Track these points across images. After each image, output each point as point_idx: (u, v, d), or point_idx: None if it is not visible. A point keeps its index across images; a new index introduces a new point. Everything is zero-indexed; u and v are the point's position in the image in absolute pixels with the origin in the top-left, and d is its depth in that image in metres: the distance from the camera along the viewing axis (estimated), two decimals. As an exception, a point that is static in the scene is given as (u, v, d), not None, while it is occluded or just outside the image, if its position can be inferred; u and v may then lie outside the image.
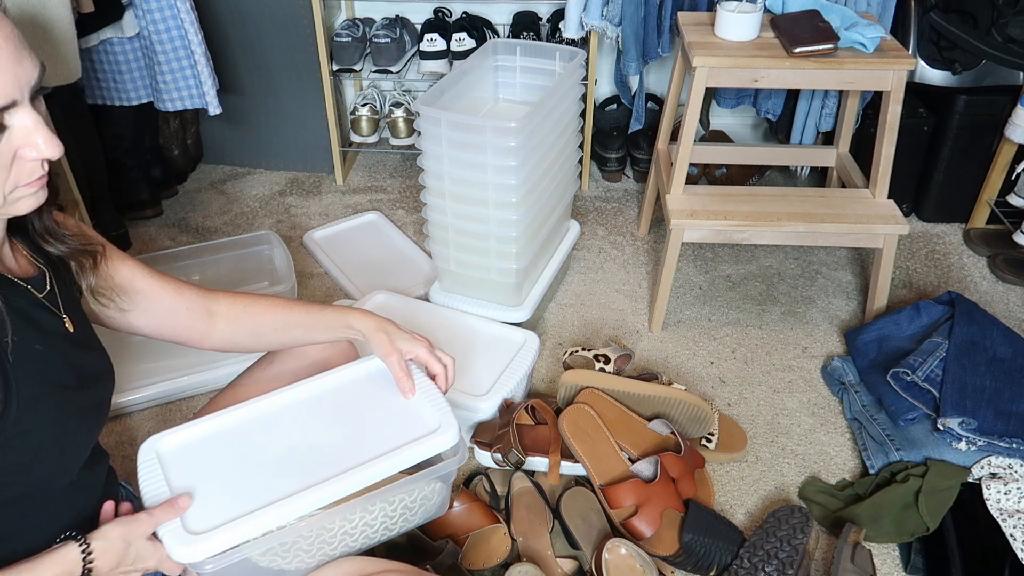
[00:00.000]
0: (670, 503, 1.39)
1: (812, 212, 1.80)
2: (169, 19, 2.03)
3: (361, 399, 1.13)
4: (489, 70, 1.90)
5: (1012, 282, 2.09)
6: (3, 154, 0.80)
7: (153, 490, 0.98)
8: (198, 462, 1.03)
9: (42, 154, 0.82)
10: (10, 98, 0.78)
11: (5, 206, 0.84)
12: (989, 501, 1.39)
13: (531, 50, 1.88)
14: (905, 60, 1.69)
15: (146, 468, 1.01)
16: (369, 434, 1.07)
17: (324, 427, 1.09)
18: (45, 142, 0.81)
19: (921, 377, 1.57)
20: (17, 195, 0.84)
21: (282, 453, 1.04)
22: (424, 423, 1.08)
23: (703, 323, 1.97)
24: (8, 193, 0.83)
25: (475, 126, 1.58)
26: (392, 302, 1.81)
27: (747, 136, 2.67)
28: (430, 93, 1.66)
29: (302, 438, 1.07)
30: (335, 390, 1.15)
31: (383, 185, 2.56)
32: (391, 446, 1.04)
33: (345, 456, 1.03)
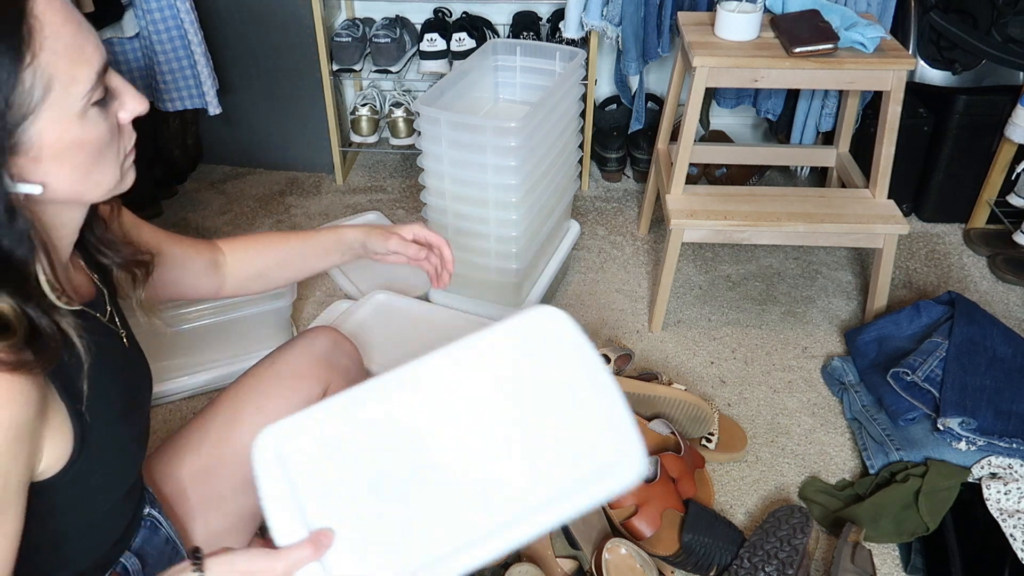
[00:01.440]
0: (670, 503, 1.39)
1: (812, 212, 1.80)
2: (169, 19, 2.03)
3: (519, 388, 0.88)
4: (489, 70, 1.90)
5: (1012, 282, 2.09)
6: (113, 120, 0.77)
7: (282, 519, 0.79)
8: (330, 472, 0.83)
9: (135, 111, 0.79)
10: (104, 55, 0.75)
11: (120, 182, 0.81)
12: (989, 501, 1.39)
13: (531, 50, 1.88)
14: (905, 60, 1.69)
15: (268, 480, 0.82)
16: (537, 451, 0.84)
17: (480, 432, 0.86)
18: (134, 99, 0.79)
19: (921, 377, 1.57)
20: (126, 166, 0.82)
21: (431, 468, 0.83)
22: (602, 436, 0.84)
23: (703, 323, 1.97)
24: (122, 164, 0.81)
25: (475, 126, 1.58)
26: (392, 302, 1.81)
27: (747, 136, 2.67)
28: (430, 93, 1.66)
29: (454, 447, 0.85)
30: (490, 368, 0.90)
31: (383, 185, 2.56)
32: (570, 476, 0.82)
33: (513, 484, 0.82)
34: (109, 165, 0.78)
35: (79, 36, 0.72)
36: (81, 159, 0.75)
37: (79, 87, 0.72)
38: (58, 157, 0.73)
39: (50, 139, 0.71)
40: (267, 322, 1.79)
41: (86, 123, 0.73)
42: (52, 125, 0.71)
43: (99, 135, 0.75)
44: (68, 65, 0.71)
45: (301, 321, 1.98)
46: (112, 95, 0.77)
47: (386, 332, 1.66)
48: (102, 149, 0.76)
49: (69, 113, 0.72)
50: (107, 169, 0.78)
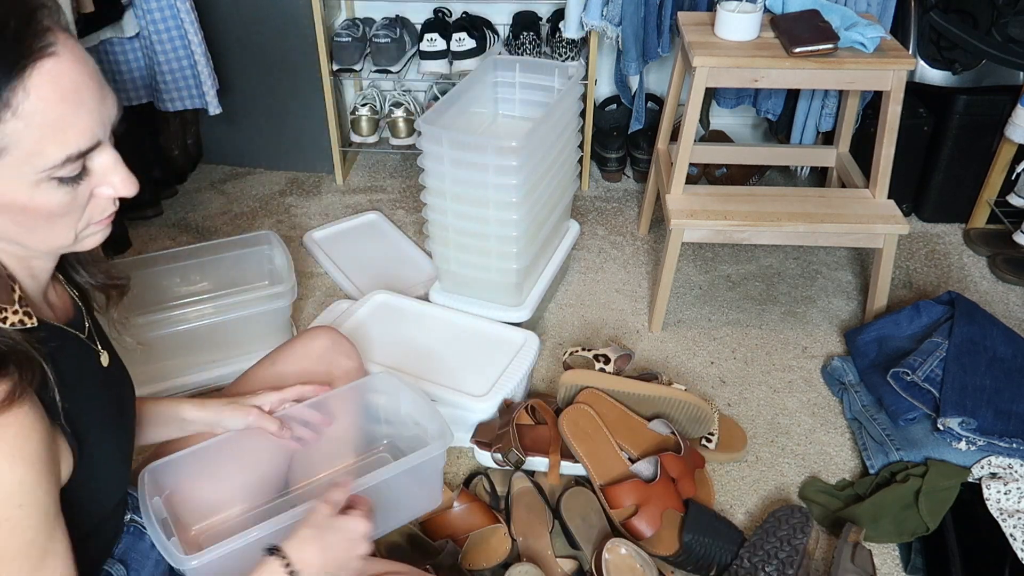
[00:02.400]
0: (670, 503, 1.39)
1: (812, 212, 1.80)
2: (169, 19, 2.03)
3: None
4: (489, 86, 1.93)
5: (1012, 282, 2.09)
6: (81, 195, 0.76)
7: None
8: None
9: (118, 193, 0.79)
10: (95, 139, 0.74)
11: (75, 244, 0.81)
12: (989, 501, 1.39)
13: (530, 67, 1.91)
14: (905, 60, 1.69)
15: None
16: None
17: None
18: (122, 181, 0.79)
19: (921, 377, 1.57)
20: (87, 233, 0.81)
21: None
22: None
23: (703, 323, 1.97)
24: (80, 231, 0.80)
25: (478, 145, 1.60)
26: (392, 302, 1.81)
27: (747, 136, 2.67)
28: (431, 114, 1.68)
29: None
30: None
31: (383, 185, 2.56)
32: None
33: None
34: (59, 231, 0.77)
35: (69, 117, 0.71)
36: (22, 219, 0.74)
37: (41, 161, 0.70)
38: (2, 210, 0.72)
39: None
40: (267, 322, 1.79)
41: (37, 192, 0.72)
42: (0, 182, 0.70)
43: (49, 206, 0.74)
44: (37, 139, 0.69)
45: (301, 321, 1.98)
46: (90, 173, 0.76)
47: (386, 332, 1.66)
48: (51, 218, 0.75)
49: (20, 179, 0.71)
50: (55, 234, 0.78)
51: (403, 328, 1.74)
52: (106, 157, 0.77)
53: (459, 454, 1.61)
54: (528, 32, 2.31)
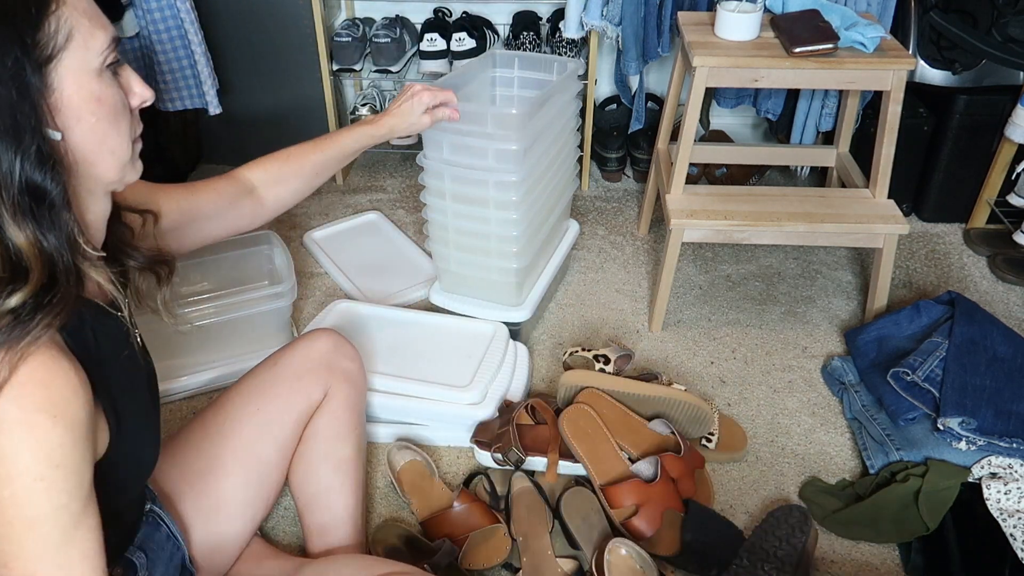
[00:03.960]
0: (670, 503, 1.39)
1: (812, 212, 1.80)
2: (169, 19, 2.03)
3: None
4: (487, 81, 1.92)
5: (1012, 282, 2.09)
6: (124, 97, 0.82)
7: None
8: None
9: (142, 97, 0.84)
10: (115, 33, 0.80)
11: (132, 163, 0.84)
12: (989, 501, 1.39)
13: (529, 62, 1.91)
14: (905, 60, 1.69)
15: None
16: None
17: None
18: (140, 84, 0.84)
19: (921, 377, 1.57)
20: (136, 149, 0.85)
21: None
22: None
23: (703, 323, 1.97)
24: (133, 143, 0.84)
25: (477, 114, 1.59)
26: (355, 309, 1.83)
27: (747, 136, 2.67)
28: None
29: None
30: None
31: (383, 185, 2.56)
32: None
33: None
34: (122, 136, 0.82)
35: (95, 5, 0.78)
36: (97, 117, 0.78)
37: (97, 43, 0.76)
38: (77, 110, 0.76)
39: (70, 88, 0.75)
40: (267, 322, 1.79)
41: (103, 82, 0.77)
42: (72, 75, 0.75)
43: (114, 97, 0.79)
44: (88, 23, 0.76)
45: (301, 321, 1.98)
46: (124, 75, 0.82)
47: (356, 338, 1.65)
48: (116, 114, 0.80)
49: (88, 67, 0.76)
50: (120, 140, 0.82)
51: (372, 333, 1.74)
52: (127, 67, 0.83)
53: (459, 454, 1.62)
54: (528, 32, 2.31)
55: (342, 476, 1.32)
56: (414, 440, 1.61)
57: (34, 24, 0.72)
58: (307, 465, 1.29)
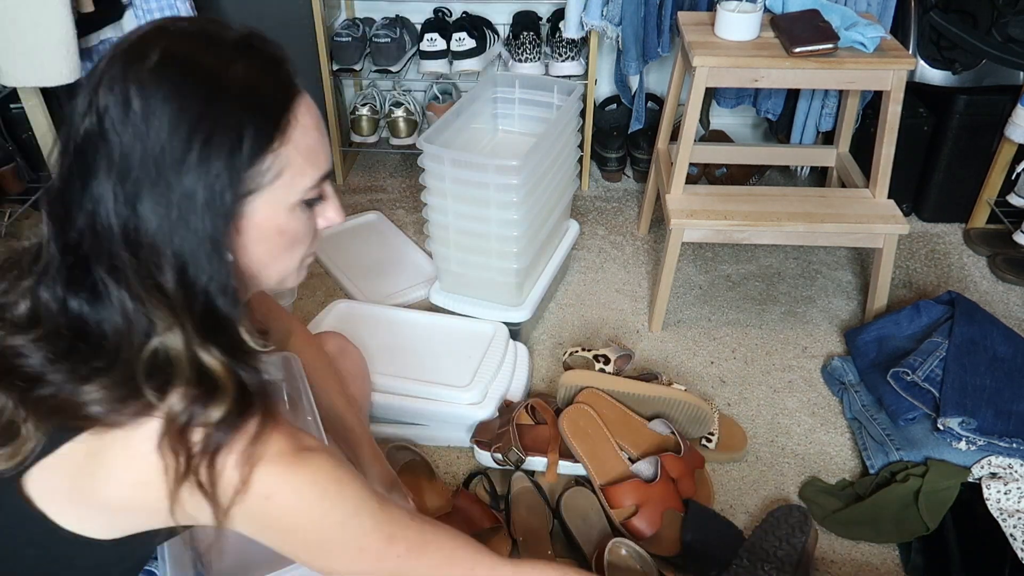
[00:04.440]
0: (670, 503, 1.39)
1: (812, 212, 1.80)
2: (169, 19, 2.03)
3: None
4: (488, 102, 1.95)
5: (1012, 282, 2.09)
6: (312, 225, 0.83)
7: None
8: None
9: (331, 222, 0.85)
10: (329, 166, 0.82)
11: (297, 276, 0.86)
12: (989, 501, 1.39)
13: (530, 83, 1.94)
14: (905, 60, 1.69)
15: None
16: None
17: None
18: (335, 210, 0.85)
19: (921, 377, 1.57)
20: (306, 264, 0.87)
21: None
22: None
23: (703, 323, 1.97)
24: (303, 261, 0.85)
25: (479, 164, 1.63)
26: (355, 309, 1.83)
27: (747, 136, 2.67)
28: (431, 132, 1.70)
29: None
30: None
31: (383, 185, 2.56)
32: None
33: None
34: (294, 259, 0.83)
35: (320, 142, 0.80)
36: (274, 245, 0.80)
37: (302, 182, 0.78)
38: (258, 238, 0.77)
39: (260, 218, 0.76)
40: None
41: (292, 216, 0.79)
42: (266, 207, 0.76)
43: (298, 230, 0.81)
44: (302, 163, 0.77)
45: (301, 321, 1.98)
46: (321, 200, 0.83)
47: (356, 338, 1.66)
48: (295, 243, 0.81)
49: (285, 202, 0.78)
50: (290, 262, 0.83)
51: (372, 333, 1.74)
52: (329, 187, 0.85)
53: (459, 454, 1.61)
54: (528, 32, 2.31)
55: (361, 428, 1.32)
56: (414, 440, 1.61)
57: (250, 160, 0.73)
58: None
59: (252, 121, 0.73)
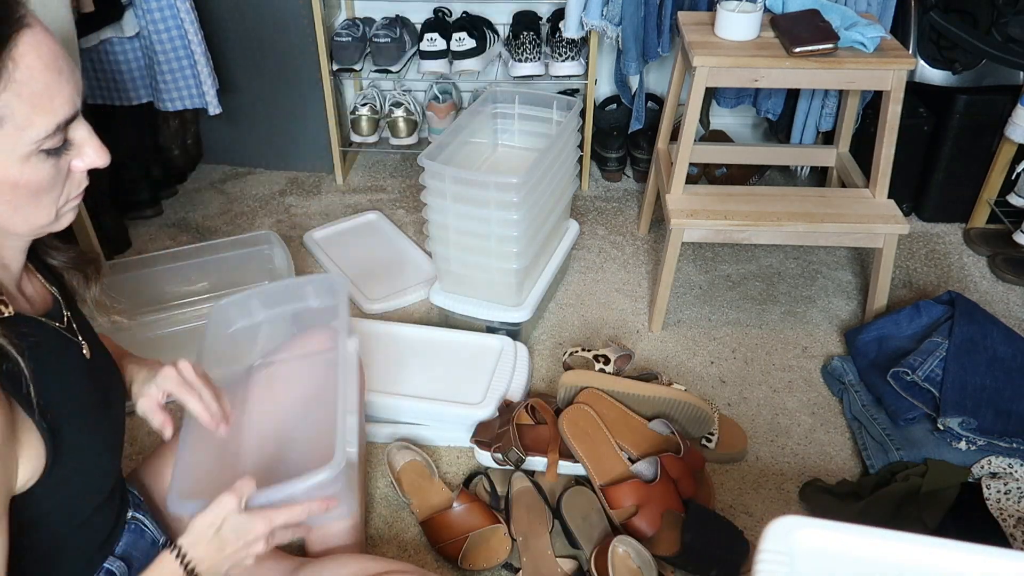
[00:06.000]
0: (670, 504, 1.39)
1: (812, 212, 1.80)
2: (169, 19, 2.03)
3: None
4: (488, 117, 1.96)
5: (1012, 282, 2.09)
6: (62, 168, 0.77)
7: None
8: None
9: (93, 163, 0.80)
10: (75, 108, 0.75)
11: (55, 223, 0.81)
12: (989, 501, 1.39)
13: (529, 99, 1.96)
14: (905, 60, 1.69)
15: None
16: None
17: None
18: (96, 151, 0.79)
19: (921, 377, 1.57)
20: (65, 209, 0.82)
21: None
22: None
23: (703, 323, 1.97)
24: (60, 208, 0.80)
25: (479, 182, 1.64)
26: (359, 326, 1.81)
27: (747, 136, 2.67)
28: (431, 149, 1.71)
29: None
30: None
31: (383, 185, 2.56)
32: None
33: None
34: (43, 207, 0.78)
35: (54, 86, 0.72)
36: (11, 197, 0.74)
37: (32, 132, 0.71)
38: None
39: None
40: (267, 322, 1.79)
41: (26, 166, 0.73)
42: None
43: (37, 180, 0.75)
44: (28, 110, 0.70)
45: (301, 321, 1.98)
46: (71, 144, 0.77)
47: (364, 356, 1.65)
48: (38, 193, 0.76)
49: (12, 154, 0.71)
50: (40, 211, 0.78)
51: (379, 350, 1.74)
52: (82, 128, 0.78)
53: (459, 454, 1.61)
54: (528, 32, 2.30)
55: None
56: (414, 440, 1.61)
57: None
58: None
59: None
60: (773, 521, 0.78)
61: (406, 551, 1.44)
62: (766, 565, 0.75)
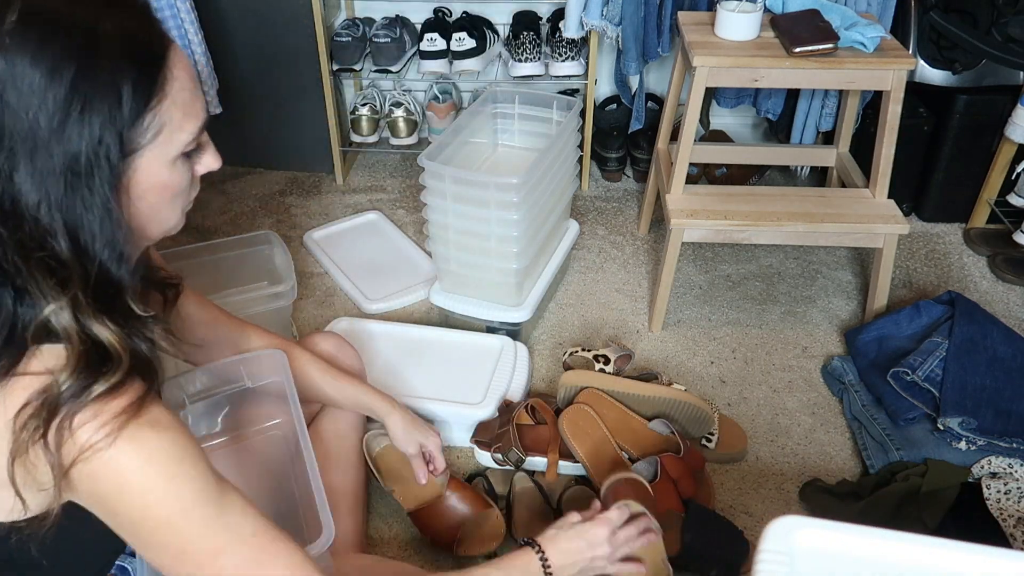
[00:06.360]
0: (670, 504, 1.39)
1: (812, 212, 1.80)
2: (169, 19, 2.03)
3: None
4: (488, 117, 1.96)
5: (1012, 282, 2.09)
6: (191, 173, 0.82)
7: None
8: None
9: (210, 167, 0.85)
10: (207, 116, 0.81)
11: (178, 226, 0.85)
12: (989, 501, 1.39)
13: (529, 99, 1.96)
14: (905, 60, 1.69)
15: None
16: None
17: None
18: (213, 156, 0.85)
19: (921, 377, 1.57)
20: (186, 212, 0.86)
21: None
22: None
23: (703, 323, 1.97)
24: (185, 209, 0.85)
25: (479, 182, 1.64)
26: (357, 326, 1.81)
27: (747, 136, 2.67)
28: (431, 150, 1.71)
29: None
30: None
31: (383, 185, 2.56)
32: None
33: None
34: (176, 210, 0.83)
35: (195, 93, 0.78)
36: (157, 199, 0.79)
37: (183, 136, 0.77)
38: (142, 195, 0.77)
39: (143, 176, 0.75)
40: (267, 322, 1.77)
41: (174, 170, 0.78)
42: (149, 165, 0.75)
43: (178, 182, 0.80)
44: (181, 116, 0.76)
45: (301, 321, 1.98)
46: (199, 149, 0.82)
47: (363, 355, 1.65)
48: (177, 195, 0.81)
49: (166, 158, 0.77)
50: (173, 213, 0.83)
51: (378, 350, 1.74)
52: (205, 134, 0.84)
53: (459, 454, 1.62)
54: (528, 32, 2.30)
55: (343, 475, 1.32)
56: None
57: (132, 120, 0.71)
58: None
59: (130, 78, 0.70)
60: (773, 521, 0.79)
61: (406, 551, 1.44)
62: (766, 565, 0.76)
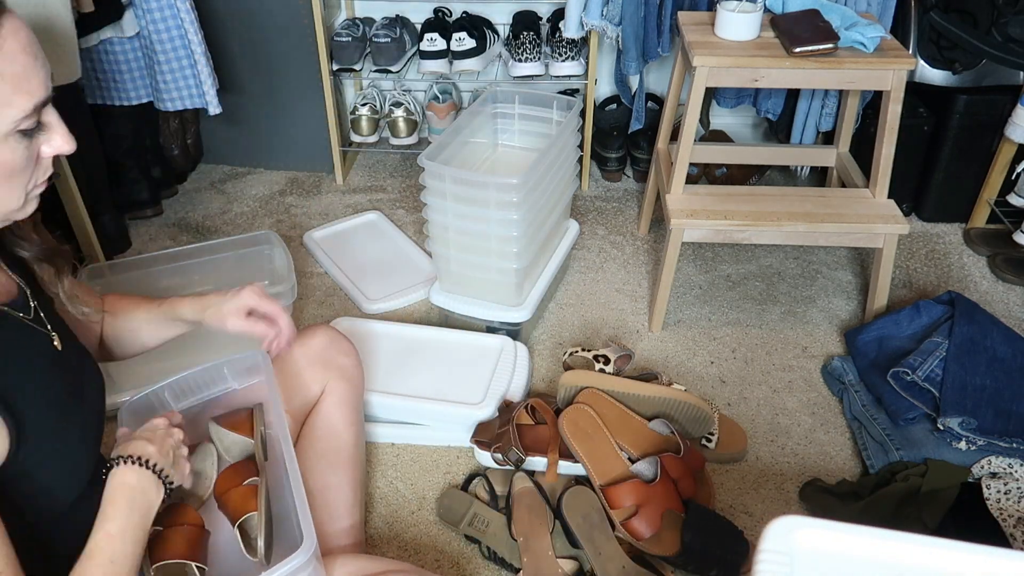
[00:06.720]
0: (670, 504, 1.39)
1: (812, 212, 1.80)
2: (169, 19, 2.03)
3: None
4: (488, 117, 1.97)
5: (1012, 282, 2.09)
6: (33, 152, 0.80)
7: None
8: None
9: (59, 149, 0.82)
10: (49, 90, 0.78)
11: (22, 208, 0.83)
12: (989, 501, 1.39)
13: (529, 99, 1.96)
14: (905, 60, 1.69)
15: None
16: None
17: None
18: (63, 137, 0.82)
19: (921, 377, 1.57)
20: (33, 195, 0.84)
21: None
22: None
23: (703, 323, 1.97)
24: (28, 192, 0.82)
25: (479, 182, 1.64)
26: (357, 325, 1.81)
27: (747, 136, 2.67)
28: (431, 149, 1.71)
29: None
30: None
31: (383, 185, 2.56)
32: None
33: None
34: (14, 190, 0.80)
35: (30, 68, 0.75)
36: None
37: (11, 112, 0.74)
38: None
39: None
40: (267, 322, 1.79)
41: (4, 147, 0.75)
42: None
43: (12, 161, 0.77)
44: (9, 90, 0.73)
45: (301, 321, 1.98)
46: (43, 128, 0.79)
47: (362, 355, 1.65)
48: (11, 175, 0.78)
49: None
50: (10, 194, 0.80)
51: (377, 349, 1.74)
52: (53, 114, 0.81)
53: (459, 454, 1.61)
54: (528, 32, 2.30)
55: (340, 474, 1.31)
56: (413, 441, 1.60)
57: None
58: (304, 462, 1.28)
59: None
60: (773, 521, 0.79)
61: (406, 551, 1.44)
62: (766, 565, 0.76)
